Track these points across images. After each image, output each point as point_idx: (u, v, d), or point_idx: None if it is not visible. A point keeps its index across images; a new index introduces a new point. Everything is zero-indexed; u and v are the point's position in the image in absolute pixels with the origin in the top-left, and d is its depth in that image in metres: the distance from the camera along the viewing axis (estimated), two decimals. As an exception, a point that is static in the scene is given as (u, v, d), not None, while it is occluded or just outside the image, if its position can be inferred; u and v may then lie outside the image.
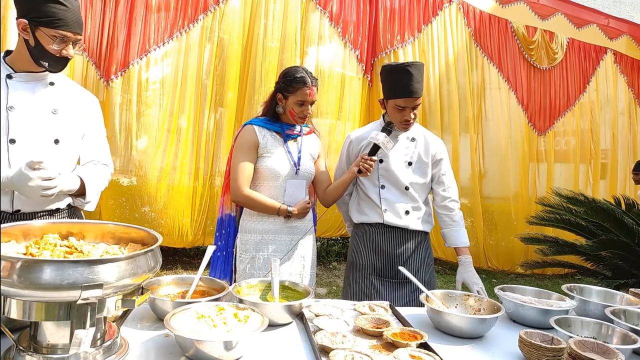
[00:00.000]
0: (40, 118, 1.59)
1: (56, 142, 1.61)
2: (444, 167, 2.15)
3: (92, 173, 1.70)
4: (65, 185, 1.55)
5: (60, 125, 1.63)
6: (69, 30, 1.54)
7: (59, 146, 1.62)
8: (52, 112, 1.62)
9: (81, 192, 1.64)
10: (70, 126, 1.67)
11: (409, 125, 2.06)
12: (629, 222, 3.64)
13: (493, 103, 5.63)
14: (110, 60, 4.19)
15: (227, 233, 2.13)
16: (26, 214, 1.57)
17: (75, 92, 1.75)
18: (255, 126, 2.04)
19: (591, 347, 1.16)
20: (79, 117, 1.71)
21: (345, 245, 5.90)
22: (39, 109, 1.60)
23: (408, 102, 1.98)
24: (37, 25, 1.52)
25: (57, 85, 1.68)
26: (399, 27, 5.16)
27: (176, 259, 5.20)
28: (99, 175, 1.74)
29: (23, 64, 1.60)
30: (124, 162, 4.29)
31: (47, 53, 1.55)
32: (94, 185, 1.68)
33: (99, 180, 1.73)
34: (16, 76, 1.60)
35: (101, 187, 1.74)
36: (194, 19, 4.41)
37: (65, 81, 1.75)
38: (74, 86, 1.78)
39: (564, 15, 5.91)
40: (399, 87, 1.98)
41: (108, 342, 1.06)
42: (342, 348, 1.15)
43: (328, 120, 4.97)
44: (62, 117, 1.65)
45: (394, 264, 2.05)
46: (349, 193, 2.25)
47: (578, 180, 5.92)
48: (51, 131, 1.61)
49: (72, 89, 1.75)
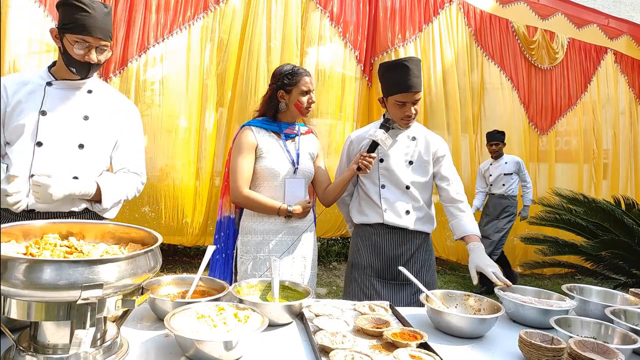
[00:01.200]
0: (69, 123, 1.66)
1: (80, 147, 1.66)
2: (446, 164, 2.12)
3: (112, 180, 1.71)
4: (75, 190, 1.56)
5: (89, 131, 1.69)
6: (89, 35, 1.59)
7: (84, 151, 1.67)
8: (82, 118, 1.69)
9: (98, 199, 1.66)
10: (100, 133, 1.72)
11: (410, 121, 2.05)
12: (629, 222, 3.64)
13: (494, 102, 5.63)
14: (109, 59, 4.18)
15: (226, 235, 2.13)
16: (41, 214, 1.61)
17: (113, 101, 1.80)
18: (253, 127, 2.05)
19: (591, 347, 1.16)
20: (112, 125, 1.76)
21: (345, 245, 5.91)
22: (70, 114, 1.67)
23: (407, 96, 1.97)
24: (64, 32, 1.60)
25: (95, 93, 1.75)
26: (399, 27, 5.16)
27: (176, 259, 5.20)
28: (122, 183, 1.75)
29: (62, 72, 1.69)
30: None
31: (72, 59, 1.62)
32: (112, 192, 1.68)
33: (121, 188, 1.73)
34: (55, 84, 1.68)
35: (122, 196, 1.74)
36: (194, 19, 4.41)
37: (105, 90, 1.81)
38: (113, 95, 1.84)
39: (564, 15, 5.91)
40: (398, 83, 1.97)
41: (108, 342, 1.06)
42: (342, 348, 1.15)
43: (328, 120, 4.97)
44: (93, 123, 1.70)
45: (395, 265, 2.04)
46: (349, 194, 2.25)
47: (582, 180, 5.91)
48: (77, 136, 1.67)
49: (111, 98, 1.80)
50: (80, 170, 1.66)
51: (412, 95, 1.97)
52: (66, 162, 1.64)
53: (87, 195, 1.62)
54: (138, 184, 1.83)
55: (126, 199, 1.78)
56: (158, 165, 4.38)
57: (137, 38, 4.23)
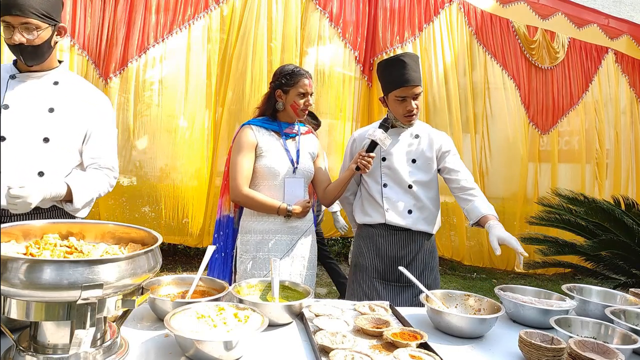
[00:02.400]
0: (33, 116, 1.58)
1: (45, 141, 1.58)
2: (452, 158, 2.08)
3: (83, 180, 1.64)
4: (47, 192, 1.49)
5: (54, 124, 1.61)
6: (7, 14, 1.49)
7: (49, 145, 1.59)
8: (47, 111, 1.60)
9: (69, 199, 1.59)
10: (67, 125, 1.64)
11: (413, 117, 2.02)
12: (629, 222, 3.64)
13: (495, 102, 5.62)
14: (109, 59, 4.19)
15: (225, 234, 2.13)
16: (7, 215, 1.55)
17: (82, 91, 1.72)
18: (252, 126, 2.05)
19: (591, 347, 1.16)
20: (81, 117, 1.68)
21: (345, 245, 5.91)
22: (34, 107, 1.60)
23: (407, 91, 1.96)
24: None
25: (62, 84, 1.67)
26: (398, 27, 5.16)
27: (176, 259, 5.20)
28: (93, 181, 1.68)
29: (22, 64, 1.61)
30: (124, 162, 4.29)
31: (8, 45, 1.53)
32: (83, 192, 1.62)
33: (92, 187, 1.66)
34: (19, 76, 1.62)
35: (94, 194, 1.68)
36: (194, 18, 4.41)
37: (73, 81, 1.73)
38: (82, 86, 1.75)
39: (564, 15, 5.91)
40: (396, 78, 1.96)
41: (108, 342, 1.06)
42: (342, 348, 1.15)
43: (328, 120, 4.97)
44: (59, 116, 1.62)
45: (397, 267, 2.01)
46: (353, 192, 2.24)
47: (584, 180, 5.90)
48: (42, 129, 1.59)
49: (79, 89, 1.72)
50: (46, 165, 1.59)
51: (412, 89, 1.95)
52: (30, 157, 1.56)
53: (58, 197, 1.56)
54: (110, 179, 1.76)
55: (98, 196, 1.72)
56: (158, 165, 4.38)
57: (137, 39, 4.23)
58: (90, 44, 4.17)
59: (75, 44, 4.10)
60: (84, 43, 4.15)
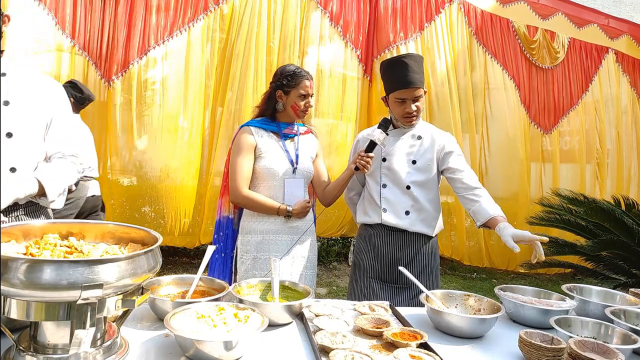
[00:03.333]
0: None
1: (9, 136, 1.53)
2: (455, 158, 2.04)
3: (52, 172, 1.60)
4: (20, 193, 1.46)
5: (14, 117, 1.55)
6: None
7: (14, 139, 1.54)
8: (3, 104, 1.54)
9: (42, 193, 1.56)
10: (27, 117, 1.58)
11: (412, 119, 2.00)
12: (629, 222, 3.64)
13: (495, 102, 5.62)
14: (111, 61, 4.20)
15: (225, 235, 2.13)
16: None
17: (32, 80, 1.65)
18: (252, 127, 2.05)
19: (591, 347, 1.16)
20: (38, 107, 1.62)
21: (345, 245, 5.90)
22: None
23: (407, 93, 1.95)
24: None
25: (9, 75, 1.59)
26: (400, 25, 5.16)
27: (176, 259, 5.20)
28: (61, 172, 1.64)
29: None
30: (124, 162, 4.29)
31: None
32: (55, 185, 1.58)
33: (62, 177, 1.63)
34: None
35: (65, 184, 1.64)
36: (194, 19, 4.41)
37: (20, 70, 1.65)
38: (30, 74, 1.67)
39: (565, 15, 5.91)
40: (397, 79, 1.96)
41: (108, 342, 1.06)
42: (342, 348, 1.15)
43: (328, 120, 4.97)
44: (16, 108, 1.56)
45: (394, 268, 2.02)
46: (357, 193, 2.24)
47: (585, 180, 5.89)
48: (2, 124, 1.52)
49: (28, 78, 1.65)
50: (16, 160, 1.53)
51: (412, 91, 1.94)
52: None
53: (31, 195, 1.53)
54: (77, 166, 1.72)
55: (69, 185, 1.68)
56: (158, 165, 4.38)
57: (137, 41, 4.24)
58: (91, 44, 4.17)
59: (75, 45, 4.10)
60: (84, 44, 4.15)
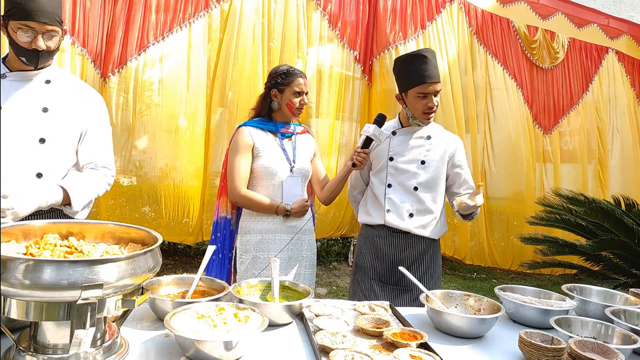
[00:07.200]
0: (27, 117, 1.56)
1: (42, 142, 1.57)
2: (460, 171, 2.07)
3: (80, 181, 1.63)
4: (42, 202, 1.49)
5: (49, 124, 1.59)
6: (33, 20, 1.49)
7: (46, 145, 1.58)
8: (42, 111, 1.58)
9: (67, 202, 1.58)
10: (62, 125, 1.62)
11: (432, 114, 1.99)
12: (629, 222, 3.64)
13: (497, 102, 5.61)
14: (108, 57, 4.18)
15: (222, 236, 2.13)
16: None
17: (75, 89, 1.70)
18: (248, 127, 2.06)
19: (591, 347, 1.16)
20: (76, 116, 1.66)
21: (345, 245, 5.90)
22: (28, 107, 1.57)
23: (428, 87, 1.93)
24: (8, 20, 1.51)
25: (54, 83, 1.65)
26: (399, 26, 5.16)
27: (176, 259, 5.20)
28: (90, 182, 1.66)
29: (15, 63, 1.59)
30: (124, 162, 4.29)
31: (20, 47, 1.53)
32: (81, 194, 1.60)
33: (90, 188, 1.65)
34: (10, 75, 1.58)
35: (93, 195, 1.67)
36: (195, 17, 4.41)
37: (65, 79, 1.71)
38: (74, 84, 1.73)
39: (565, 15, 5.91)
40: (418, 74, 1.93)
41: (108, 342, 1.06)
42: (342, 348, 1.15)
43: (328, 120, 4.97)
44: (53, 115, 1.60)
45: (395, 270, 1.99)
46: (361, 191, 2.21)
47: (586, 180, 5.89)
48: (37, 130, 1.57)
49: (72, 87, 1.70)
50: (44, 166, 1.57)
51: (433, 85, 1.93)
52: (28, 158, 1.54)
53: (55, 204, 1.55)
54: (108, 179, 1.75)
55: (97, 197, 1.71)
56: (158, 165, 4.37)
57: (136, 37, 4.22)
58: (91, 42, 4.16)
59: (75, 42, 4.09)
60: (84, 41, 4.14)
